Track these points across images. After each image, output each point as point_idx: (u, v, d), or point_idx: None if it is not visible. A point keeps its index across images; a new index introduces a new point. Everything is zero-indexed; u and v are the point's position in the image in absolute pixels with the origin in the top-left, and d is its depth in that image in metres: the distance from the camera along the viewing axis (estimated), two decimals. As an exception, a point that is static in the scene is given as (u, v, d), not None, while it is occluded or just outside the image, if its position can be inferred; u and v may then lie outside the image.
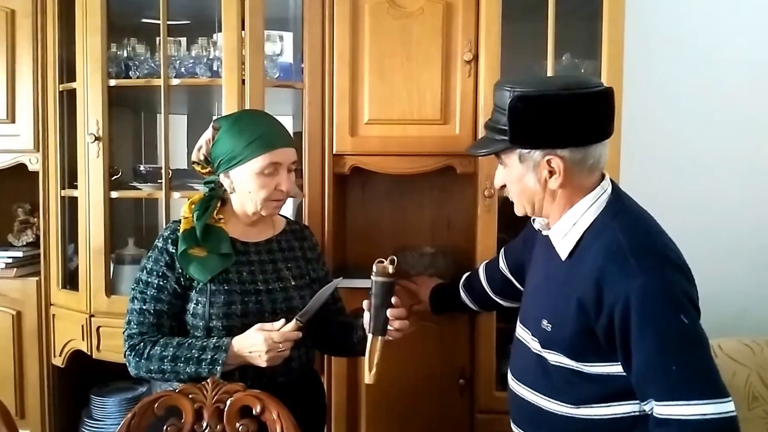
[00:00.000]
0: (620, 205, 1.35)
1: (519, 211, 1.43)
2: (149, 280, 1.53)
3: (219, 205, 1.60)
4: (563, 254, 1.36)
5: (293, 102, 2.23)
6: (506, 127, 1.29)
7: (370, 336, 1.50)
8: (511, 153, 1.34)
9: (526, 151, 1.31)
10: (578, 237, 1.33)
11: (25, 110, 2.20)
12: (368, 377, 1.50)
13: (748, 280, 2.50)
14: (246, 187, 1.54)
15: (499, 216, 1.95)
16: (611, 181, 1.39)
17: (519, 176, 1.35)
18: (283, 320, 1.48)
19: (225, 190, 1.59)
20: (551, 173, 1.31)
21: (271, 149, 1.52)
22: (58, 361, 2.20)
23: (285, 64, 2.11)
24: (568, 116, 1.28)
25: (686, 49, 2.49)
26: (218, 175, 1.57)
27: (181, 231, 1.54)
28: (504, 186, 1.42)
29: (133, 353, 1.49)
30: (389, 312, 1.48)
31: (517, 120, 1.28)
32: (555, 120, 1.28)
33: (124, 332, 1.53)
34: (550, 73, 1.92)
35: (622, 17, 1.91)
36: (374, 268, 1.50)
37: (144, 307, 1.52)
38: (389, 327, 1.49)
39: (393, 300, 1.49)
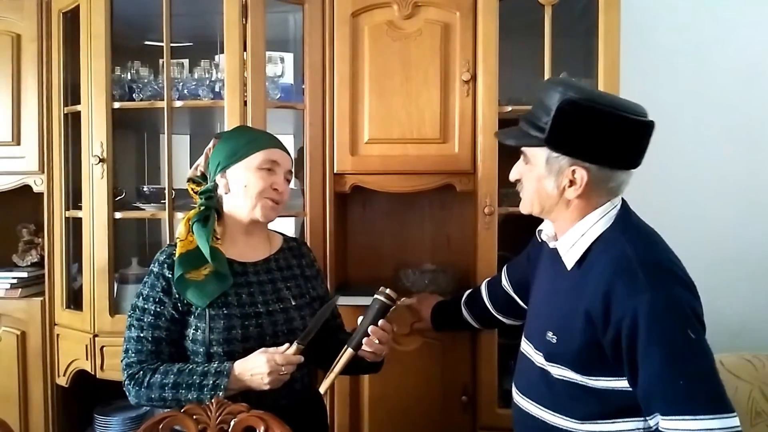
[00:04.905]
0: (629, 220, 1.36)
1: (525, 208, 1.43)
2: (146, 306, 1.51)
3: (216, 218, 1.58)
4: (569, 264, 1.36)
5: (294, 122, 2.26)
6: (545, 126, 1.29)
7: (346, 347, 1.51)
8: (539, 152, 1.34)
9: (555, 155, 1.31)
10: (585, 248, 1.34)
11: (30, 132, 2.22)
12: (323, 386, 1.52)
13: (749, 295, 2.50)
14: (243, 182, 1.54)
15: (499, 233, 1.97)
16: (621, 198, 1.39)
17: (539, 176, 1.35)
18: (286, 345, 1.47)
19: (219, 197, 1.58)
20: (571, 183, 1.31)
21: (272, 148, 1.57)
22: (62, 381, 2.21)
23: (286, 85, 2.14)
24: (609, 135, 1.28)
25: (683, 66, 2.51)
26: (214, 180, 1.57)
27: (177, 255, 1.51)
28: (518, 180, 1.42)
29: (132, 382, 1.46)
30: (369, 329, 1.49)
31: (560, 122, 1.27)
32: (596, 134, 1.28)
33: (122, 361, 1.50)
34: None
35: (617, 35, 1.94)
36: (379, 289, 1.52)
37: (141, 335, 1.49)
38: (363, 343, 1.50)
39: (381, 322, 1.50)
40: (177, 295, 1.50)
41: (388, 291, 1.51)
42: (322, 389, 1.53)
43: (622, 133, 1.28)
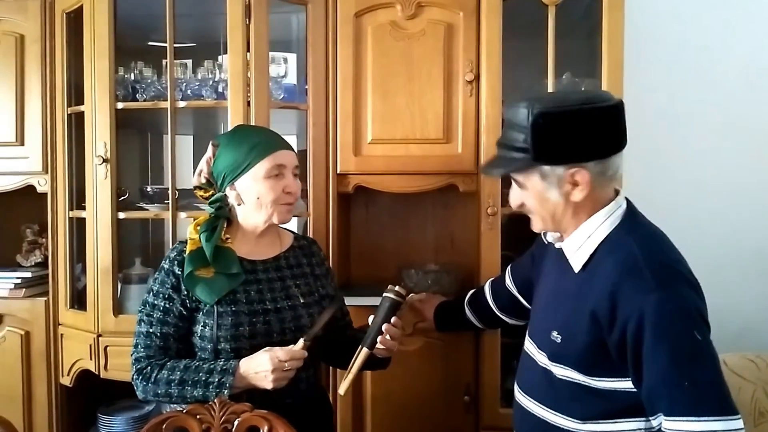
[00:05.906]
0: (635, 220, 1.36)
1: (537, 226, 1.43)
2: (155, 302, 1.53)
3: (225, 225, 1.60)
4: (577, 267, 1.36)
5: (297, 123, 2.26)
6: (526, 145, 1.29)
7: (360, 347, 1.53)
8: (530, 172, 1.33)
9: (548, 167, 1.31)
10: (592, 250, 1.34)
11: (33, 133, 2.23)
12: (342, 387, 1.54)
13: (752, 295, 2.50)
14: (254, 193, 1.54)
15: (502, 233, 1.97)
16: (626, 198, 1.40)
17: (540, 192, 1.34)
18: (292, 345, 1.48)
19: (231, 207, 1.59)
20: (575, 185, 1.31)
21: (274, 151, 1.55)
22: (65, 381, 2.21)
23: (289, 86, 2.15)
24: (590, 130, 1.28)
25: (686, 66, 2.51)
26: (223, 191, 1.57)
27: (187, 252, 1.54)
28: (522, 204, 1.41)
29: (140, 377, 1.49)
30: (384, 326, 1.51)
31: (540, 137, 1.27)
32: (578, 134, 1.28)
33: (132, 355, 1.53)
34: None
35: (621, 36, 1.93)
36: (388, 287, 1.55)
37: (151, 330, 1.51)
38: (377, 341, 1.52)
39: (393, 319, 1.52)
40: (186, 292, 1.52)
41: (397, 288, 1.54)
42: (341, 390, 1.55)
43: (601, 122, 1.29)
